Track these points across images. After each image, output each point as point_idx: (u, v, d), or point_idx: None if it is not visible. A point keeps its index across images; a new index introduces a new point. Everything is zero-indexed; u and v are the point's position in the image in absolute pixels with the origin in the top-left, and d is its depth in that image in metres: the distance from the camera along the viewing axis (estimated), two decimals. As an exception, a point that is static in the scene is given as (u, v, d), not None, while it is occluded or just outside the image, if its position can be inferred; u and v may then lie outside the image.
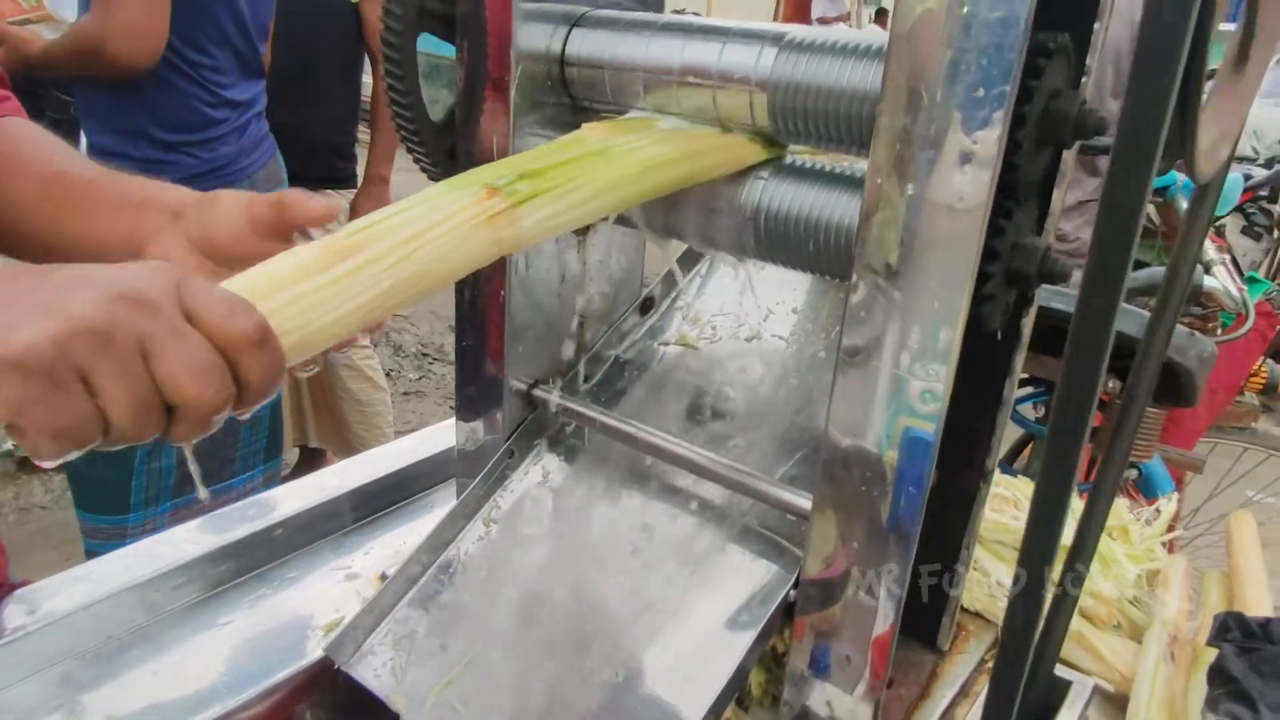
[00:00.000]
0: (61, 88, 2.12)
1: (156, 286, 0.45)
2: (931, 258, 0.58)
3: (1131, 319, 1.07)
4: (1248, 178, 3.63)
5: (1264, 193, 3.64)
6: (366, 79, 2.56)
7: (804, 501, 0.71)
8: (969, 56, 0.54)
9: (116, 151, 1.72)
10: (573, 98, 0.82)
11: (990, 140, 0.55)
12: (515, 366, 0.87)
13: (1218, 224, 3.20)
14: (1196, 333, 1.12)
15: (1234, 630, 0.76)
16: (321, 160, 2.40)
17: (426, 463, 1.10)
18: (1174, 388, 1.13)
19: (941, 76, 0.55)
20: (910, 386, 0.62)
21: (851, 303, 0.62)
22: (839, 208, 0.69)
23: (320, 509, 1.00)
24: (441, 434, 1.13)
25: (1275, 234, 4.29)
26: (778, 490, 0.73)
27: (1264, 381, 2.09)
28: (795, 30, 0.69)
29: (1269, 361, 2.13)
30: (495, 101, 0.77)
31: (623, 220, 0.82)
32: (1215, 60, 0.51)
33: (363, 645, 0.79)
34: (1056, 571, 0.82)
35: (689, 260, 1.03)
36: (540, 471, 0.88)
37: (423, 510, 1.06)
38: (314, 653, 0.82)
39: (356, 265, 0.51)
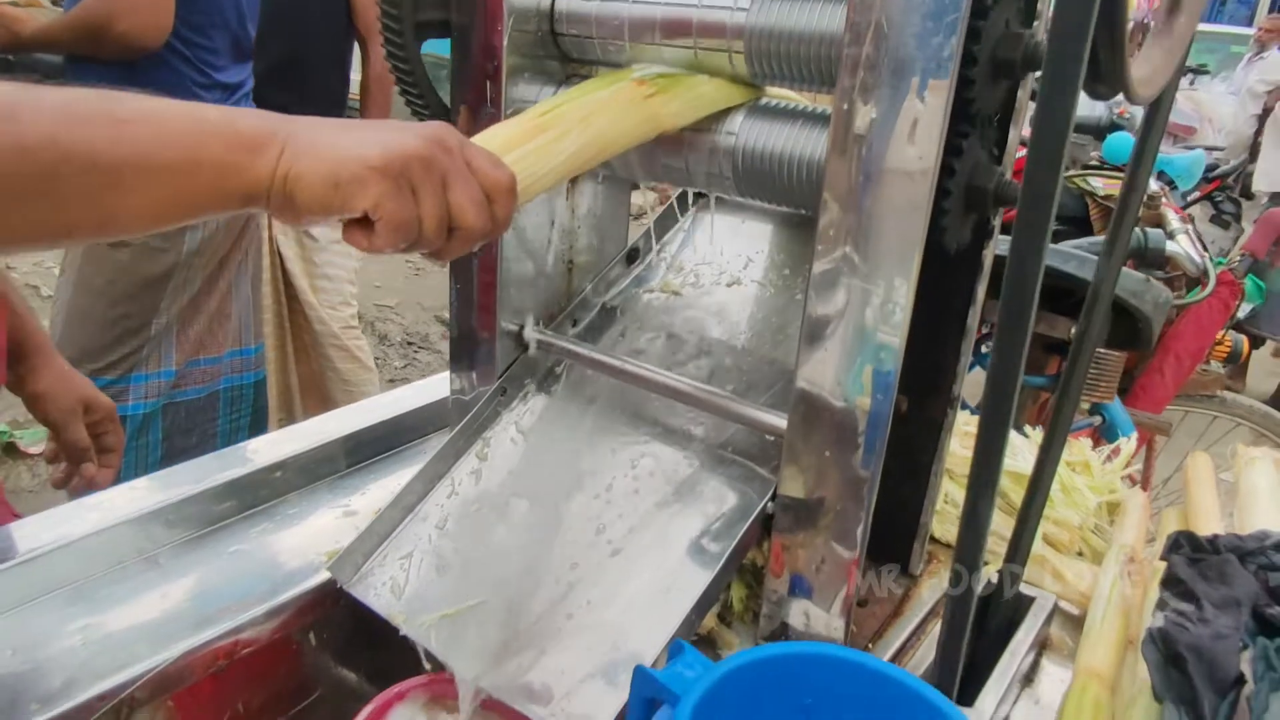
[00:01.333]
0: (48, 70, 2.16)
1: (453, 137, 0.58)
2: (893, 180, 0.63)
3: (1090, 266, 1.13)
4: (1214, 167, 3.71)
5: (1231, 182, 3.74)
6: (355, 75, 2.60)
7: (780, 421, 0.75)
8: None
9: None
10: (562, 53, 0.86)
11: (943, 70, 0.59)
12: (507, 309, 0.91)
13: (1187, 204, 3.29)
14: (1152, 279, 1.18)
15: (1185, 546, 0.81)
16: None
17: (420, 412, 1.14)
18: (1132, 332, 1.19)
19: (899, 9, 0.59)
20: (874, 301, 0.66)
21: (821, 227, 0.67)
22: (809, 143, 0.74)
23: (317, 452, 1.03)
24: (434, 386, 1.17)
25: (1241, 222, 4.39)
26: (754, 411, 0.78)
27: (1228, 350, 2.16)
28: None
29: (1233, 333, 2.19)
30: (486, 58, 0.82)
31: (614, 168, 0.86)
32: None
33: (363, 567, 0.83)
34: (1017, 497, 0.87)
35: (671, 216, 1.08)
36: (530, 408, 0.93)
37: (417, 456, 1.10)
38: (316, 578, 0.86)
39: (552, 137, 0.67)
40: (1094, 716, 0.67)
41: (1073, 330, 1.19)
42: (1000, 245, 0.81)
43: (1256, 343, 3.40)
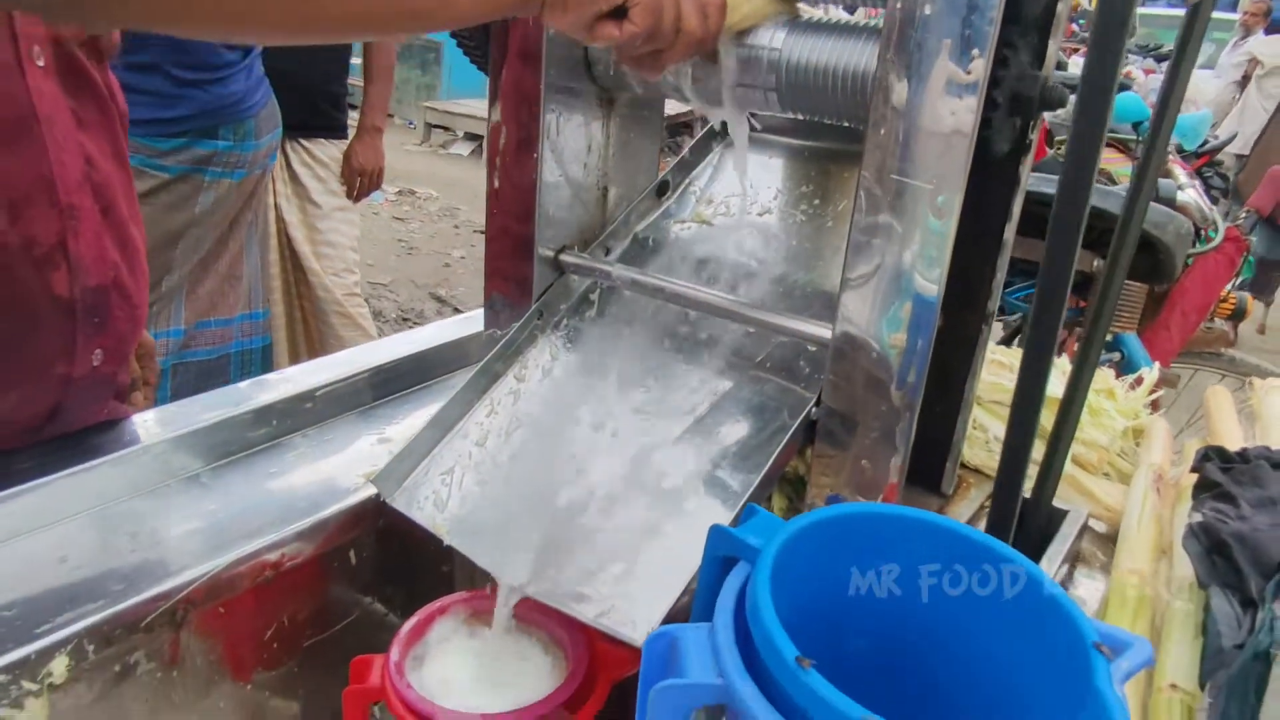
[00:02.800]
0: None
1: None
2: (939, 83, 0.64)
3: (1114, 200, 1.15)
4: (1204, 143, 3.75)
5: (1220, 158, 3.77)
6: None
7: (822, 330, 0.76)
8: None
9: (131, 85, 1.74)
10: None
11: None
12: (544, 232, 0.92)
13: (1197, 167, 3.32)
14: (1172, 211, 1.19)
15: (1214, 458, 0.83)
16: (318, 110, 2.43)
17: (445, 348, 1.14)
18: (1155, 264, 1.20)
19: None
20: (924, 208, 0.67)
21: (869, 140, 0.68)
22: (854, 55, 0.74)
23: (346, 384, 1.04)
24: (458, 325, 1.18)
25: (1230, 197, 4.45)
26: (795, 322, 0.79)
27: (1232, 307, 2.19)
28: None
29: (1237, 291, 2.22)
30: None
31: (655, 89, 0.87)
32: None
33: (405, 481, 0.84)
34: (1048, 419, 0.89)
35: (700, 150, 1.08)
36: (566, 331, 0.93)
37: (444, 391, 1.10)
38: (357, 495, 0.86)
39: None
40: (1137, 608, 0.69)
41: (1096, 263, 1.21)
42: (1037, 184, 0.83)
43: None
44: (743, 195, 1.01)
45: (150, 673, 0.72)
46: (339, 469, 0.92)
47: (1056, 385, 1.02)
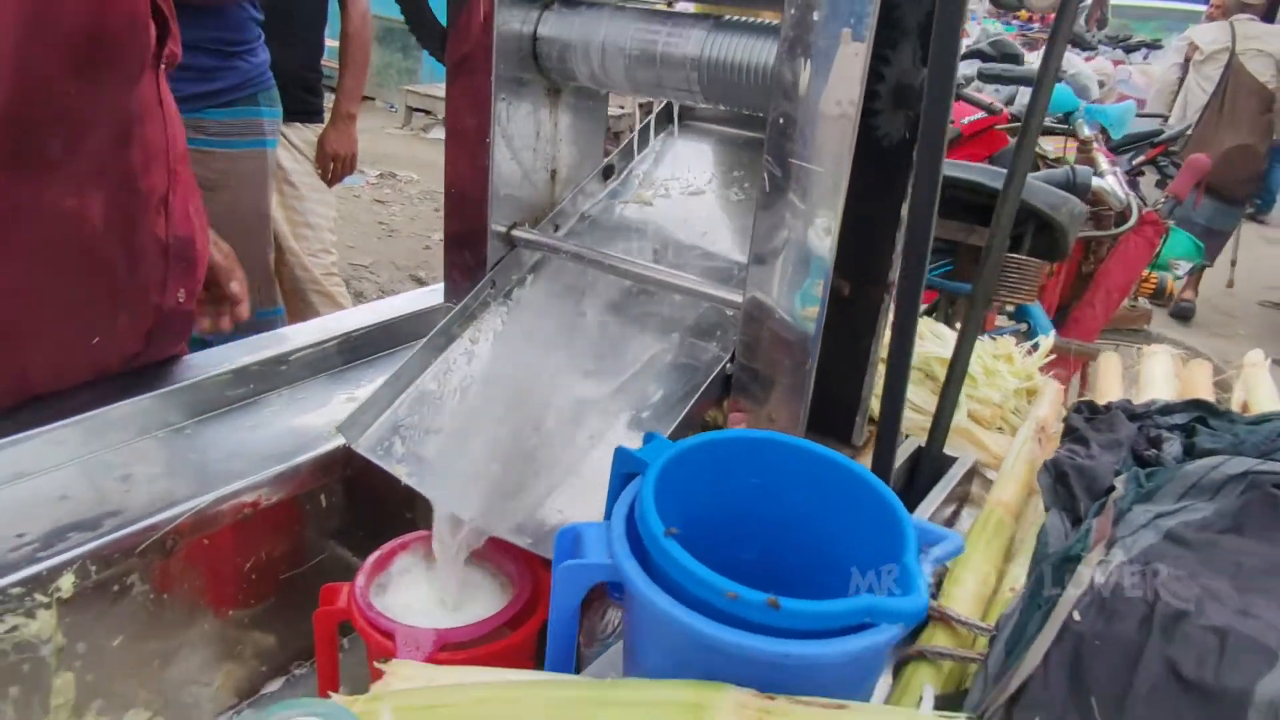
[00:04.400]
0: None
1: None
2: (830, 79, 0.74)
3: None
4: (1159, 132, 3.89)
5: (1174, 148, 3.92)
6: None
7: (734, 295, 0.87)
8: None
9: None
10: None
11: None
12: (497, 211, 1.02)
13: (1133, 168, 3.47)
14: (1068, 194, 1.31)
15: (1084, 410, 0.94)
16: (293, 95, 2.51)
17: (410, 319, 1.24)
18: (1051, 242, 1.32)
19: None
20: (819, 187, 0.78)
21: (769, 128, 0.78)
22: (762, 52, 0.85)
23: (318, 349, 1.14)
24: (423, 297, 1.28)
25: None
26: (711, 289, 0.89)
27: (1154, 286, 2.32)
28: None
29: (1159, 271, 2.35)
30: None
31: (597, 81, 0.97)
32: None
33: (369, 430, 0.94)
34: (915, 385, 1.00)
35: (643, 138, 1.19)
36: (516, 298, 1.04)
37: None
38: (326, 445, 0.96)
39: None
40: (996, 532, 0.80)
41: None
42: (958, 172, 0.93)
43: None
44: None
45: (144, 594, 0.82)
46: (311, 423, 1.02)
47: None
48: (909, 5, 0.77)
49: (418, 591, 0.89)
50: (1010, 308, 1.65)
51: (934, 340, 1.11)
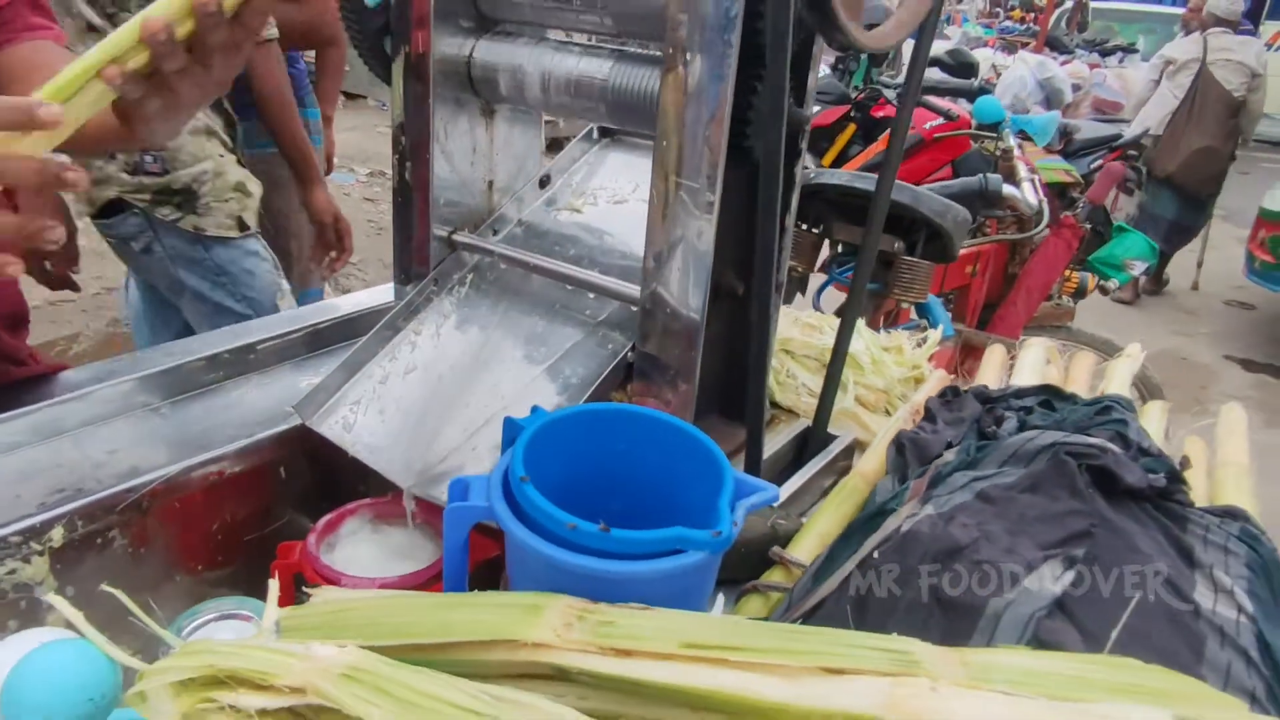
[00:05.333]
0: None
1: None
2: (700, 104, 0.88)
3: (905, 192, 1.41)
4: (1117, 136, 4.04)
5: (1134, 152, 4.07)
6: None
7: (633, 290, 1.00)
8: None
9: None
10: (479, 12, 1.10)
11: (731, 19, 0.84)
12: (438, 219, 1.16)
13: (1090, 170, 3.63)
14: (953, 202, 1.45)
15: (947, 394, 1.08)
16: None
17: (368, 314, 1.38)
18: (940, 246, 1.46)
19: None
20: (693, 200, 0.91)
21: (655, 148, 0.92)
22: (653, 82, 0.98)
23: (284, 339, 1.27)
24: (380, 294, 1.41)
25: (1144, 174, 4.88)
26: (615, 284, 1.03)
27: (1075, 285, 2.47)
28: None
29: (1079, 271, 2.50)
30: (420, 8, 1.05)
31: (517, 98, 1.11)
32: None
33: (322, 408, 1.07)
34: (803, 367, 1.13)
35: (579, 150, 1.32)
36: (455, 296, 1.17)
37: (368, 347, 1.34)
38: (286, 424, 1.10)
39: None
40: (848, 496, 0.94)
41: (896, 244, 1.46)
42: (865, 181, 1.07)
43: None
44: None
45: (123, 547, 0.96)
46: (274, 405, 1.16)
47: (857, 342, 1.27)
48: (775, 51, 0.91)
49: (363, 550, 1.03)
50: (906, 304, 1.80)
51: (832, 334, 1.25)
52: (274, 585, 0.58)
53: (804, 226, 1.57)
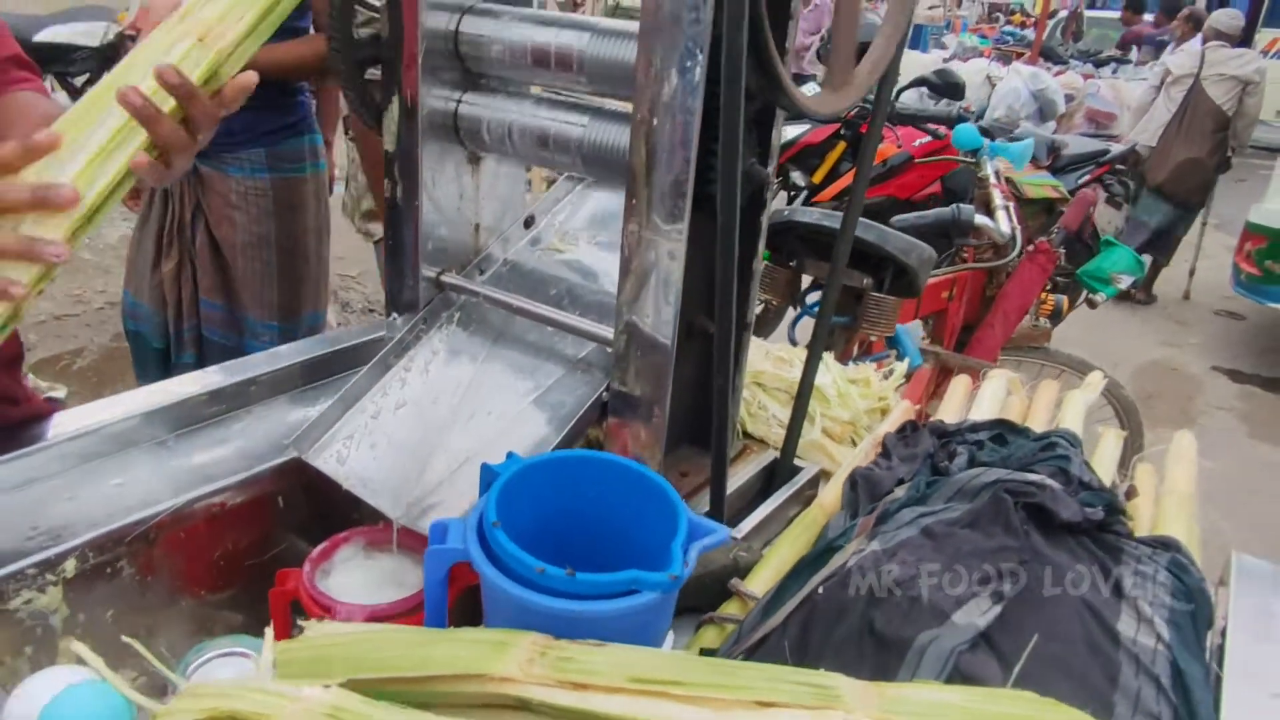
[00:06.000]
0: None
1: None
2: (667, 160, 0.94)
3: (872, 231, 1.48)
4: (1104, 152, 4.11)
5: (1121, 166, 4.15)
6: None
7: (606, 331, 1.07)
8: (676, 52, 0.89)
9: (262, 104, 2.27)
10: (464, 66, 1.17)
11: (695, 86, 0.90)
12: (427, 260, 1.23)
13: (1078, 185, 3.72)
14: (918, 241, 1.52)
15: (906, 429, 1.14)
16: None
17: (360, 346, 1.44)
18: (906, 282, 1.53)
19: (664, 48, 0.91)
20: (661, 247, 0.98)
21: (628, 195, 0.99)
22: (621, 137, 1.05)
23: (281, 372, 1.34)
24: (373, 328, 1.48)
25: (1133, 203, 4.97)
26: (591, 326, 1.10)
27: (1051, 308, 2.54)
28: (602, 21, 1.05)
29: (1055, 295, 2.58)
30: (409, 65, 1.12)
31: (500, 148, 1.18)
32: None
33: (317, 443, 1.14)
34: (774, 399, 1.20)
35: (561, 191, 1.39)
36: (444, 334, 1.24)
37: (362, 378, 1.41)
38: (283, 457, 1.17)
39: None
40: (806, 528, 1.00)
41: (865, 280, 1.53)
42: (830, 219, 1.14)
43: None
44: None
45: (132, 575, 1.03)
46: (273, 437, 1.23)
47: (825, 375, 1.34)
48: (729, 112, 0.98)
49: (356, 577, 1.10)
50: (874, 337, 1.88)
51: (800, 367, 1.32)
52: (269, 633, 0.64)
53: (780, 262, 1.64)
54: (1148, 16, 10.14)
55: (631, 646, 0.65)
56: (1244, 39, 6.45)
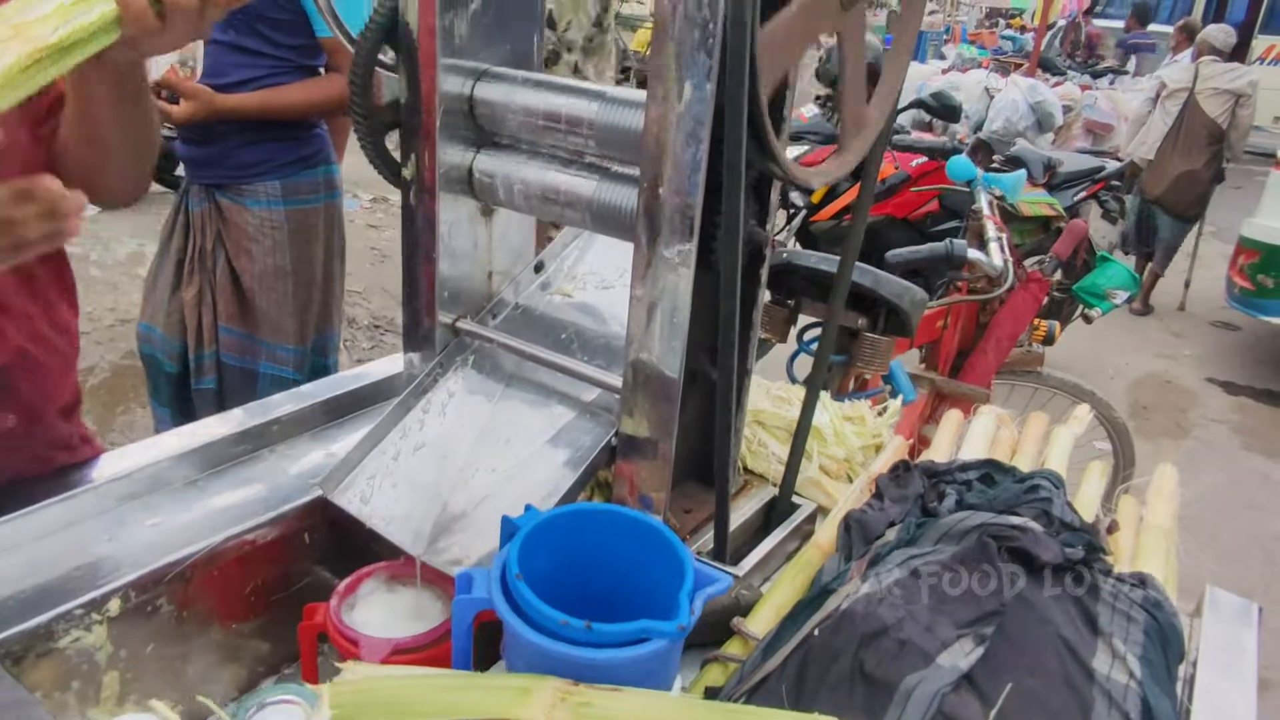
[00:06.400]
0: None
1: None
2: (673, 223, 1.01)
3: (867, 275, 1.55)
4: (1100, 169, 4.18)
5: (1117, 183, 4.23)
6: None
7: (615, 379, 1.14)
8: (685, 137, 0.96)
9: (283, 136, 2.38)
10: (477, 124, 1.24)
11: (698, 162, 0.97)
12: (444, 306, 1.29)
13: (1074, 203, 3.80)
14: (911, 284, 1.59)
15: (899, 469, 1.21)
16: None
17: (378, 384, 1.51)
18: (899, 323, 1.60)
19: (674, 134, 0.97)
20: (666, 301, 1.04)
21: (635, 252, 1.05)
22: (629, 198, 1.12)
23: (303, 411, 1.41)
24: (389, 364, 1.55)
25: (1127, 218, 5.05)
26: (600, 374, 1.17)
27: (1044, 334, 2.61)
28: (612, 90, 1.11)
29: (1047, 320, 2.65)
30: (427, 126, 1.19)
31: (512, 204, 1.24)
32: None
33: (342, 483, 1.21)
34: (773, 437, 1.26)
35: (569, 236, 1.46)
36: (460, 377, 1.31)
37: (376, 417, 1.47)
38: (310, 495, 1.23)
39: None
40: (801, 570, 1.07)
41: (860, 321, 1.60)
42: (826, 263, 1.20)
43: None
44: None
45: (170, 612, 1.09)
46: (299, 475, 1.29)
47: (822, 415, 1.41)
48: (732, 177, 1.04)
49: (378, 610, 1.16)
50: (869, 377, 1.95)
51: (800, 405, 1.38)
52: (326, 688, 0.70)
53: (778, 300, 1.71)
54: (1155, 27, 10.25)
55: (644, 691, 0.72)
56: (1237, 54, 6.56)
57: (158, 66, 2.27)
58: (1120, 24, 11.51)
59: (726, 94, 0.91)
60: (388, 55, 1.19)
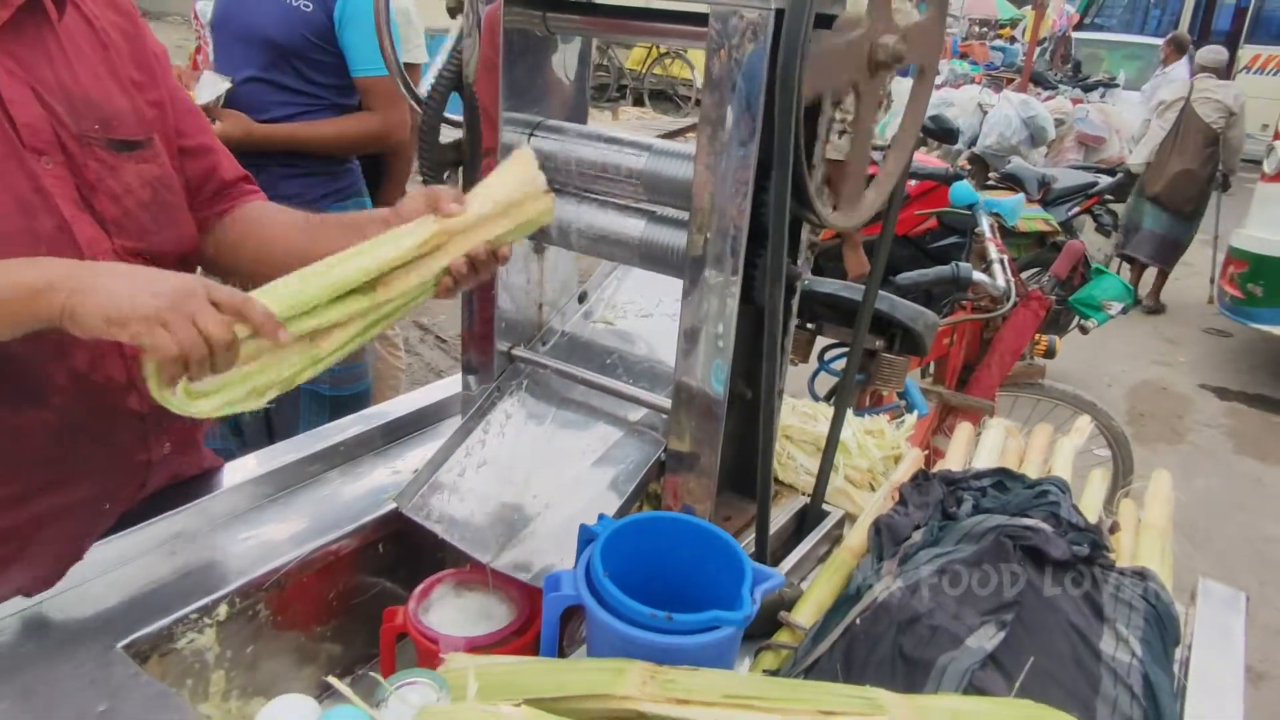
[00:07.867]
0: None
1: (199, 286, 0.88)
2: (719, 261, 1.14)
3: (884, 301, 1.68)
4: (1094, 184, 4.33)
5: (1110, 196, 4.37)
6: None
7: (664, 401, 1.26)
8: (733, 187, 1.09)
9: (318, 170, 2.55)
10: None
11: (743, 208, 1.10)
12: (500, 336, 1.42)
13: (1069, 217, 3.95)
14: (923, 309, 1.72)
15: (919, 477, 1.34)
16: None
17: (434, 406, 1.64)
18: (913, 344, 1.73)
19: (722, 186, 1.10)
20: (711, 328, 1.17)
21: (685, 288, 1.18)
22: (677, 238, 1.24)
23: (368, 433, 1.53)
24: (443, 387, 1.68)
25: (1121, 231, 5.21)
26: (649, 395, 1.29)
27: (1045, 348, 2.75)
28: (659, 141, 1.24)
29: (1049, 336, 2.79)
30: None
31: (565, 244, 1.37)
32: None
33: (414, 497, 1.33)
34: (801, 450, 1.39)
35: (609, 269, 1.59)
36: (514, 400, 1.43)
37: (435, 436, 1.60)
38: (384, 509, 1.36)
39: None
40: (836, 570, 1.19)
41: (878, 343, 1.73)
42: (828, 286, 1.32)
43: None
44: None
45: (267, 616, 1.21)
46: (369, 491, 1.42)
47: (846, 430, 1.53)
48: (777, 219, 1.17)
49: (450, 611, 1.28)
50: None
51: (825, 421, 1.51)
52: (470, 665, 0.81)
53: (800, 324, 1.83)
54: (1143, 39, 10.38)
55: (717, 670, 0.84)
56: (1227, 72, 6.88)
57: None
58: (1110, 36, 11.71)
59: (776, 152, 1.03)
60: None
